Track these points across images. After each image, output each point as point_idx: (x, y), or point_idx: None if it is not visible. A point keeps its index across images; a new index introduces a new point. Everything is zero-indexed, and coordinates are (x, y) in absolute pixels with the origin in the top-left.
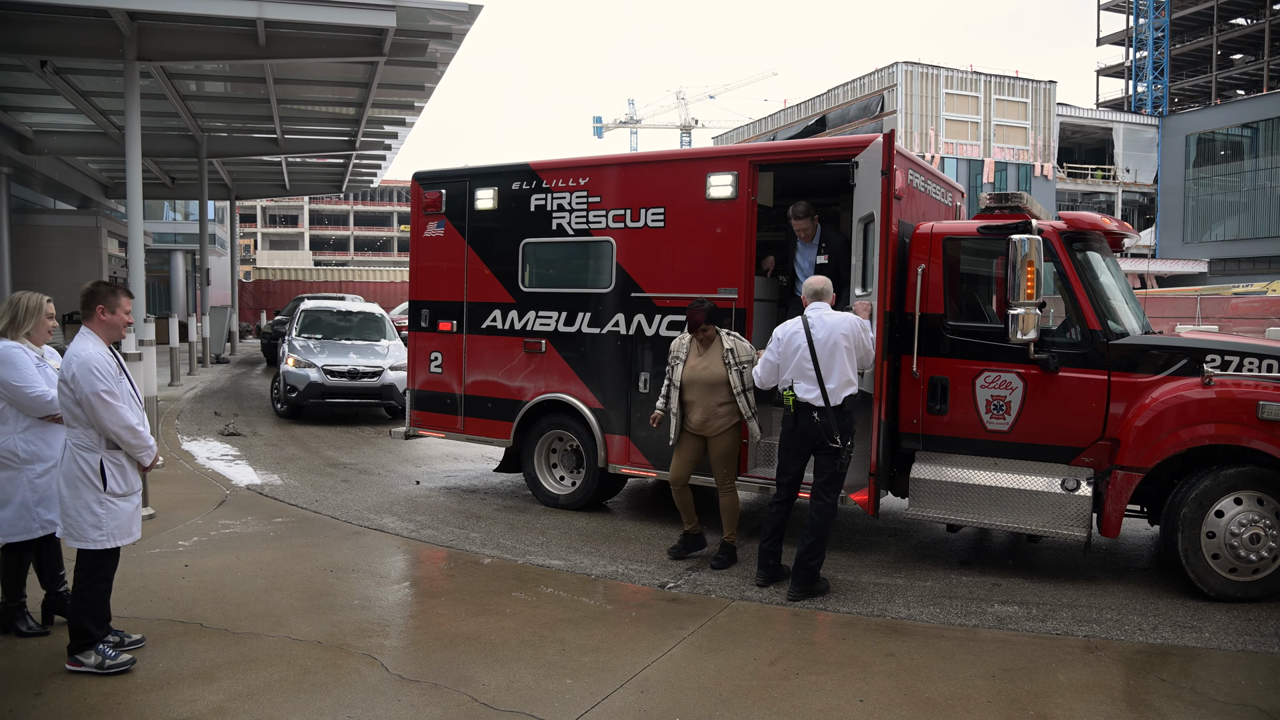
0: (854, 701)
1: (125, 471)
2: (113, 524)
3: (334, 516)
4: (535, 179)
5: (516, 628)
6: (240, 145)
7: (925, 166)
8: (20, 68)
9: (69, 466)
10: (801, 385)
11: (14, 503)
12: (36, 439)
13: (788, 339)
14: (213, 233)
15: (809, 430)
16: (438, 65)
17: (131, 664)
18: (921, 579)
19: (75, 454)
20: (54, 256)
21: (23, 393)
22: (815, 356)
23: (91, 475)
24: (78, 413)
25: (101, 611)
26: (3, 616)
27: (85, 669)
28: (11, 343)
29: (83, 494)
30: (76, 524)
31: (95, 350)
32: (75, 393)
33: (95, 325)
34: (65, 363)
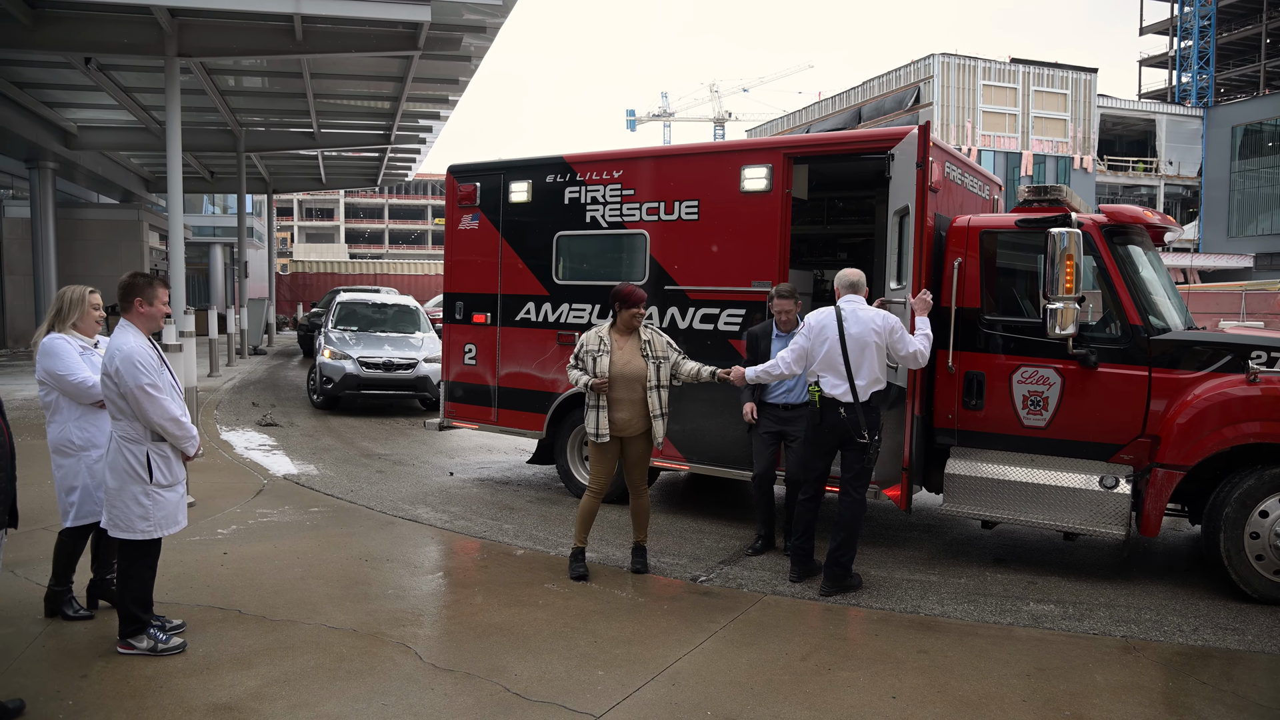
0: (886, 698)
1: (170, 462)
2: (159, 514)
3: (369, 507)
4: (569, 172)
5: (549, 619)
6: (277, 139)
7: (962, 159)
8: (65, 65)
9: (115, 458)
10: (829, 380)
11: (78, 488)
12: (90, 426)
13: (819, 328)
14: (250, 226)
15: (836, 426)
16: (472, 59)
17: (183, 647)
18: (955, 575)
19: (121, 446)
20: (97, 249)
21: (67, 380)
22: (846, 351)
23: (138, 467)
24: (122, 405)
25: (147, 597)
26: (51, 599)
27: (138, 652)
28: (57, 334)
29: (129, 486)
30: (123, 515)
31: (136, 343)
32: (119, 386)
33: (134, 317)
34: (108, 356)
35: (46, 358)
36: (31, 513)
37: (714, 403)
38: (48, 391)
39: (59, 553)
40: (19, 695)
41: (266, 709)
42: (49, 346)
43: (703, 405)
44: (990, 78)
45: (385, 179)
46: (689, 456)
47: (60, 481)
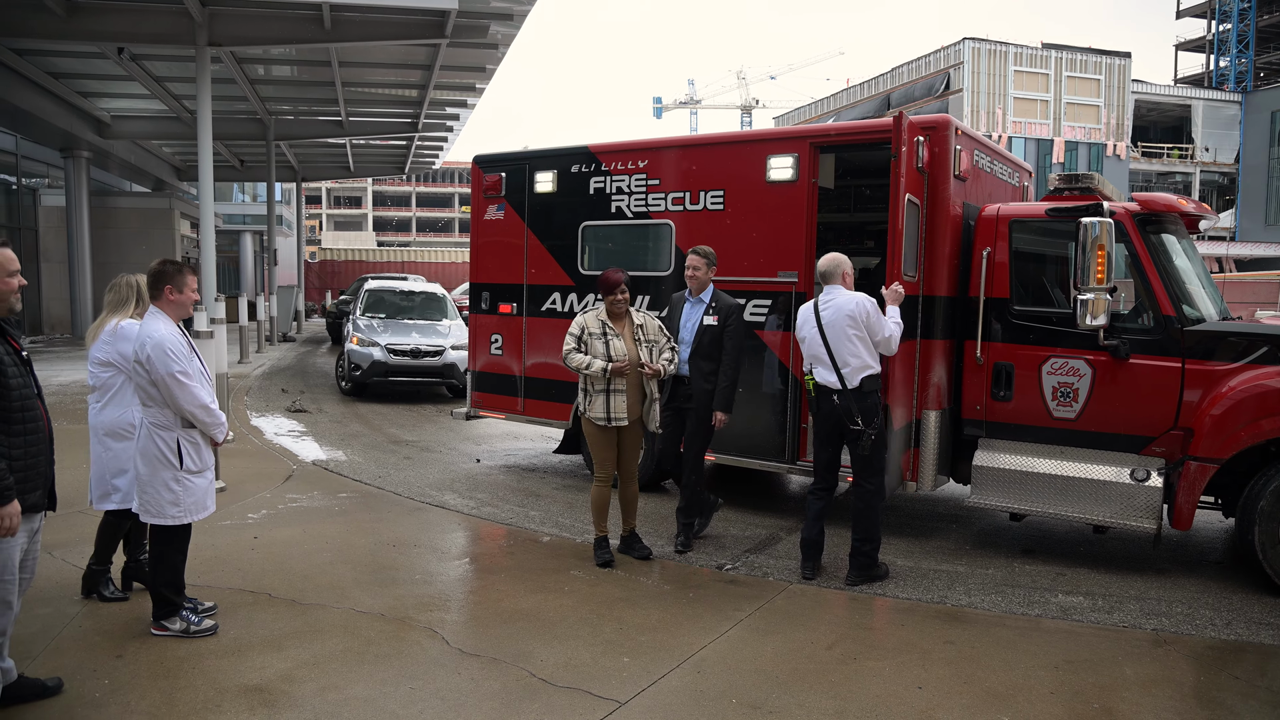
0: (912, 688)
1: (200, 449)
2: (189, 500)
3: (396, 493)
4: (594, 162)
5: (574, 605)
6: (306, 128)
7: (991, 146)
8: (99, 55)
9: (146, 445)
10: (819, 370)
11: (128, 472)
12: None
13: (801, 322)
14: (280, 214)
15: (830, 414)
16: (499, 47)
17: (215, 629)
18: (983, 567)
19: (152, 433)
20: (130, 237)
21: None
22: (826, 340)
23: (169, 454)
24: (153, 392)
25: (179, 580)
26: (90, 578)
27: (171, 633)
28: (133, 321)
29: (160, 472)
30: (154, 501)
31: (167, 330)
32: (150, 373)
33: (164, 305)
34: (139, 344)
35: (123, 341)
36: (68, 496)
37: (739, 394)
38: (113, 373)
39: (103, 533)
40: (58, 674)
41: (296, 691)
42: (126, 331)
43: None
44: (1021, 63)
45: (413, 167)
46: (715, 447)
47: (108, 464)
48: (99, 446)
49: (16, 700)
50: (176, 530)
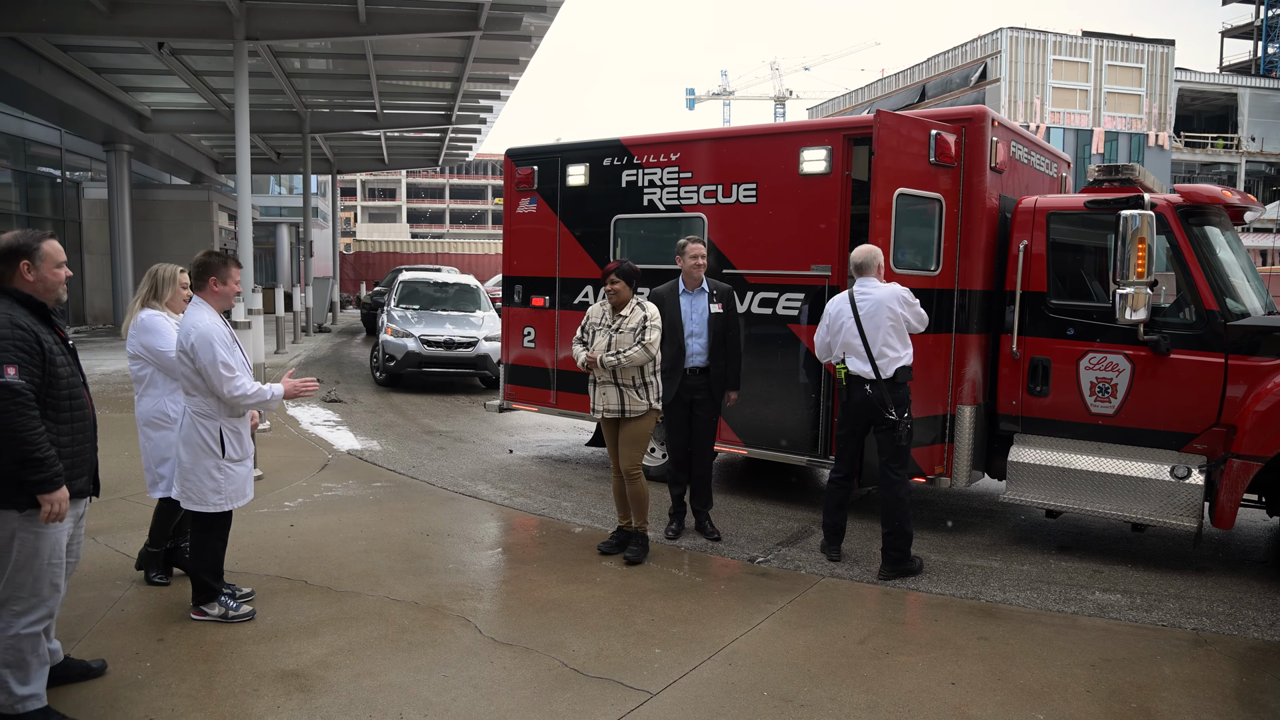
0: (945, 684)
1: (242, 438)
2: (230, 488)
3: (430, 482)
4: (626, 155)
5: (606, 596)
6: (341, 120)
7: (1028, 137)
8: (140, 50)
9: (189, 433)
10: (852, 360)
11: (170, 460)
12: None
13: (835, 314)
14: (315, 206)
15: (862, 404)
16: (532, 39)
17: (252, 615)
18: (1018, 563)
19: (195, 421)
20: (170, 229)
21: (166, 357)
22: (862, 331)
23: (211, 442)
24: (197, 382)
25: (218, 566)
26: (143, 559)
27: (209, 618)
28: (155, 311)
29: (202, 460)
30: (196, 489)
31: (211, 321)
32: (195, 363)
33: (208, 295)
34: (183, 333)
35: (146, 333)
36: (110, 483)
37: (772, 388)
38: (142, 366)
39: (158, 517)
40: (102, 656)
41: (332, 677)
42: (149, 323)
43: (761, 390)
44: (1061, 52)
45: (446, 159)
46: (747, 441)
47: (151, 453)
48: (142, 436)
49: (63, 680)
50: (217, 518)
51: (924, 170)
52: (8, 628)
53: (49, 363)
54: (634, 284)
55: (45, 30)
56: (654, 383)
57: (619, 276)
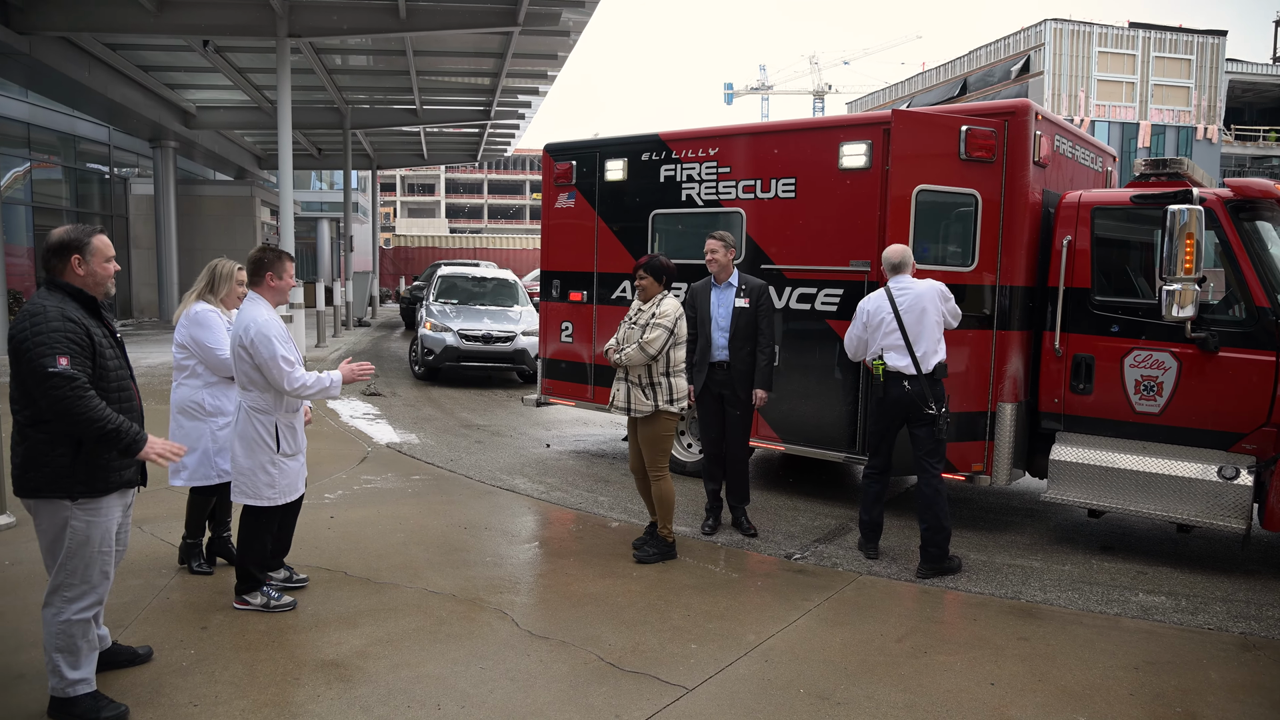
0: (984, 684)
1: (295, 433)
2: (283, 482)
3: (468, 476)
4: (665, 149)
5: (642, 591)
6: (381, 116)
7: (1073, 131)
8: (185, 48)
9: (244, 428)
10: (891, 356)
11: (198, 451)
12: (220, 395)
13: (873, 314)
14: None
15: (900, 399)
16: (570, 34)
17: (293, 605)
18: (1059, 563)
19: (251, 416)
20: (214, 224)
21: (214, 354)
22: (903, 326)
23: (267, 437)
24: (255, 377)
25: (264, 558)
26: (184, 551)
27: (252, 608)
28: (207, 306)
29: (258, 455)
30: (251, 483)
31: (269, 315)
32: (254, 358)
33: (264, 290)
34: (241, 328)
35: (196, 326)
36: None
37: (809, 384)
38: (186, 355)
39: (191, 509)
40: (148, 643)
41: (371, 667)
42: (201, 316)
43: (798, 386)
44: (1106, 44)
45: (485, 154)
46: (784, 437)
47: (179, 441)
48: (173, 424)
49: (111, 666)
50: (269, 512)
51: (953, 167)
52: (59, 613)
53: (98, 355)
54: (664, 279)
55: (95, 29)
56: (664, 384)
57: (647, 271)
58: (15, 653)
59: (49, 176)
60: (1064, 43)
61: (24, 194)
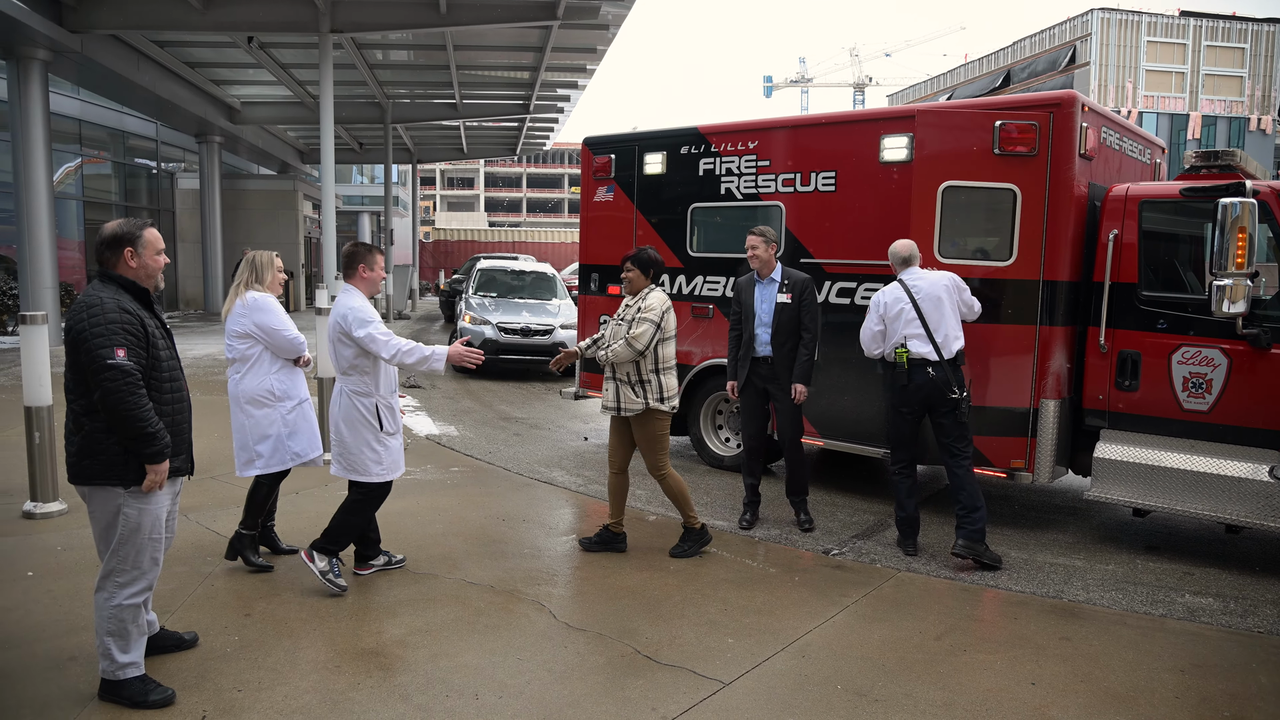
0: (1025, 684)
1: (394, 414)
2: (389, 459)
3: (506, 468)
4: (704, 143)
5: (679, 585)
6: (422, 111)
7: (1120, 122)
8: (230, 44)
9: (347, 411)
10: (914, 343)
11: (271, 437)
12: (286, 379)
13: (890, 305)
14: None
15: (924, 385)
16: (609, 27)
17: (344, 590)
18: (1103, 562)
19: (353, 399)
20: (257, 217)
21: (281, 334)
22: (922, 315)
23: (370, 418)
24: (359, 363)
25: (350, 537)
26: (237, 542)
27: (313, 566)
28: (263, 293)
29: (363, 434)
30: (359, 460)
31: (362, 303)
32: (359, 343)
33: (357, 282)
34: (339, 317)
35: (259, 312)
36: (202, 463)
37: (848, 379)
38: (250, 345)
39: (251, 498)
40: (193, 628)
41: (410, 656)
42: (260, 302)
43: (837, 381)
44: (1156, 33)
45: (524, 148)
46: (823, 432)
47: (250, 430)
48: (241, 415)
49: (158, 650)
50: (378, 488)
51: (986, 161)
52: (111, 598)
53: (151, 346)
54: (650, 272)
55: (144, 27)
56: (653, 381)
57: (633, 264)
58: (67, 635)
59: (99, 171)
60: (1111, 32)
61: (75, 189)
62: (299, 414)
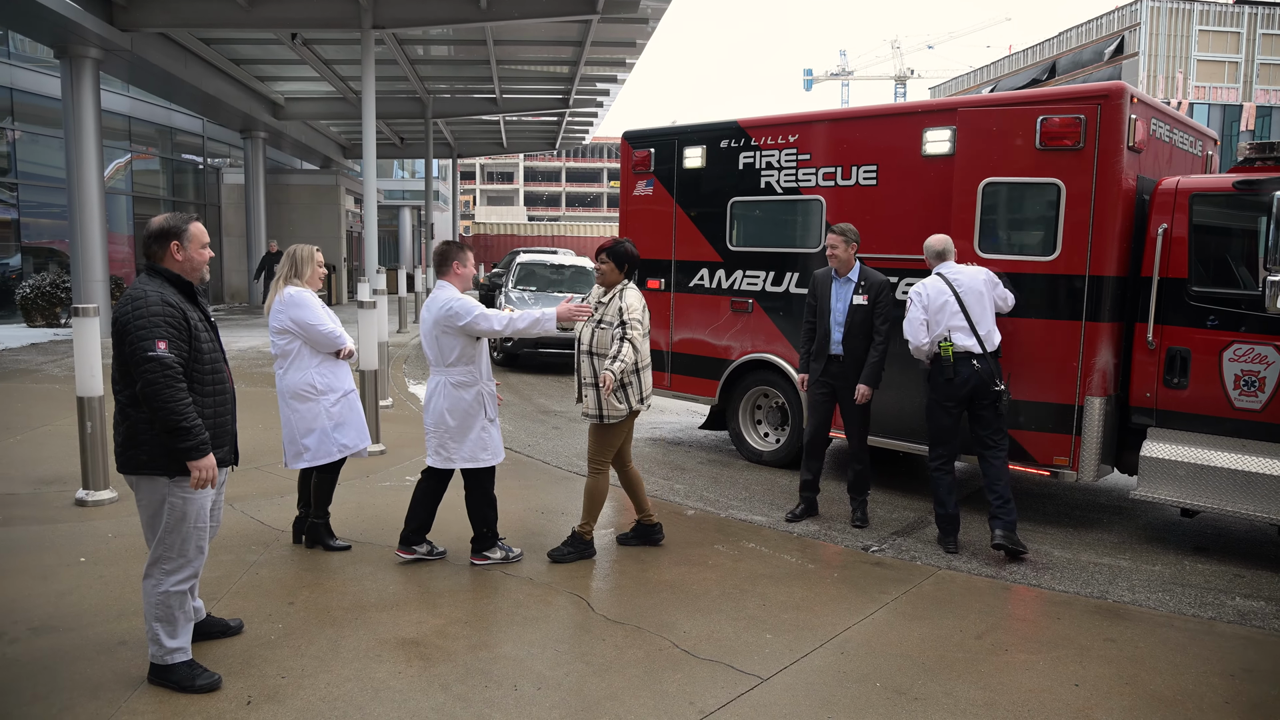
0: (1068, 685)
1: (493, 401)
2: (493, 444)
3: (545, 461)
4: (744, 137)
5: (717, 579)
6: (462, 106)
7: (1171, 113)
8: (274, 41)
9: (455, 403)
10: (959, 336)
11: (316, 431)
12: (328, 372)
13: (934, 297)
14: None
15: (970, 378)
16: (649, 21)
17: (521, 557)
18: (1149, 563)
19: (459, 391)
20: (300, 212)
21: (316, 329)
22: (965, 308)
23: (476, 406)
24: (468, 351)
25: (494, 517)
26: (312, 530)
27: (491, 562)
28: (299, 288)
29: (472, 422)
30: (469, 450)
31: (458, 293)
32: (460, 325)
33: (450, 277)
34: (439, 308)
35: (295, 307)
36: (246, 454)
37: (891, 374)
38: (289, 340)
39: (317, 489)
40: (239, 615)
41: (449, 646)
42: (298, 297)
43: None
44: (1208, 21)
45: (563, 142)
46: None
47: (296, 425)
48: (287, 410)
49: (205, 636)
50: (487, 473)
51: (1028, 157)
52: (158, 585)
53: (194, 338)
54: (625, 267)
55: (192, 25)
56: (634, 382)
57: (609, 257)
58: (118, 620)
59: (147, 167)
60: (1161, 22)
61: (125, 184)
62: (344, 405)
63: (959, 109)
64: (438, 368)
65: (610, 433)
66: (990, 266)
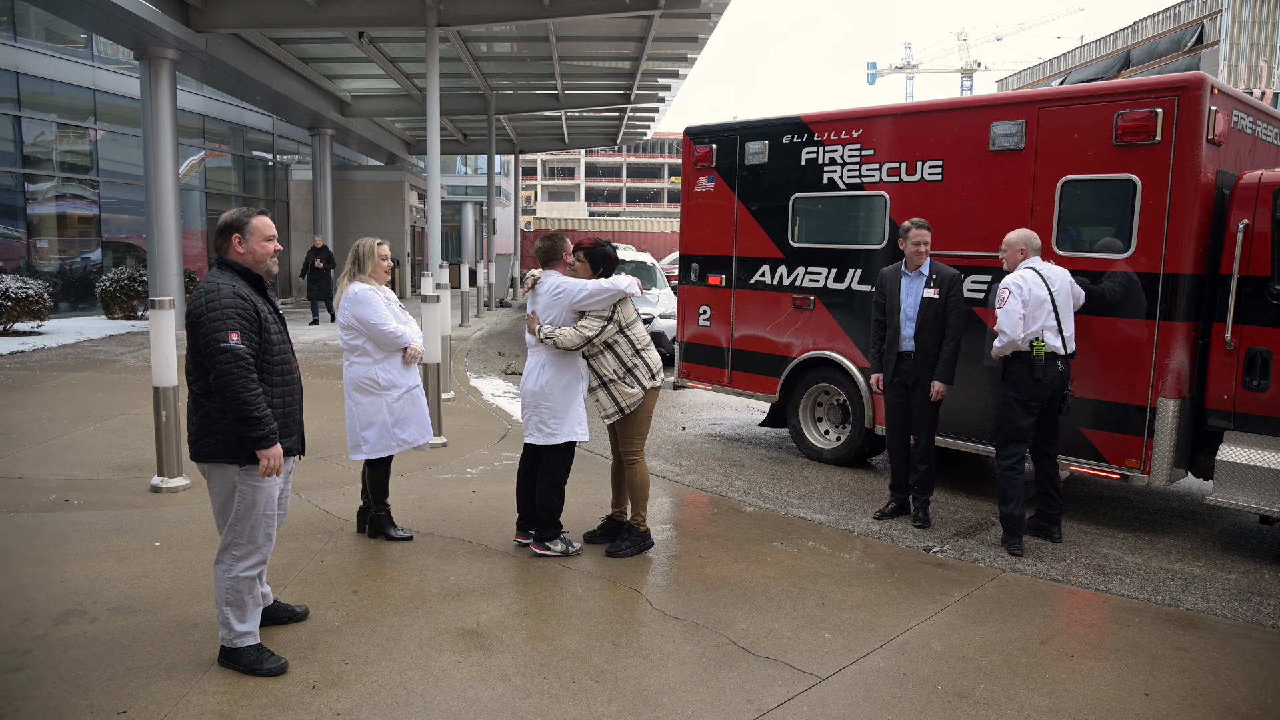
0: (1138, 694)
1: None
2: (585, 419)
3: (604, 456)
4: (806, 132)
5: (776, 577)
6: (524, 102)
7: (1254, 104)
8: (342, 40)
9: (558, 376)
10: (1049, 336)
11: (376, 425)
12: (391, 369)
13: (1031, 287)
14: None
15: (1055, 380)
16: (711, 15)
17: (581, 551)
18: (1225, 570)
19: (560, 367)
20: (365, 207)
21: (378, 329)
22: (1056, 306)
23: (579, 379)
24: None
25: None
26: (375, 521)
27: (551, 554)
28: (364, 285)
29: (576, 397)
30: (569, 425)
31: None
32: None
33: (559, 267)
34: (555, 287)
35: (358, 305)
36: (312, 444)
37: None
38: (354, 335)
39: (373, 481)
40: (304, 602)
41: (509, 638)
42: (360, 295)
43: None
44: None
45: (624, 138)
46: None
47: (358, 417)
48: (350, 402)
49: (272, 622)
50: (567, 457)
51: (1105, 153)
52: (229, 570)
53: (264, 330)
54: (600, 270)
55: (263, 25)
56: (639, 364)
57: (586, 257)
58: (190, 603)
59: (220, 164)
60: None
61: (198, 181)
62: (407, 401)
63: (1034, 103)
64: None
65: (635, 420)
66: (1066, 264)
